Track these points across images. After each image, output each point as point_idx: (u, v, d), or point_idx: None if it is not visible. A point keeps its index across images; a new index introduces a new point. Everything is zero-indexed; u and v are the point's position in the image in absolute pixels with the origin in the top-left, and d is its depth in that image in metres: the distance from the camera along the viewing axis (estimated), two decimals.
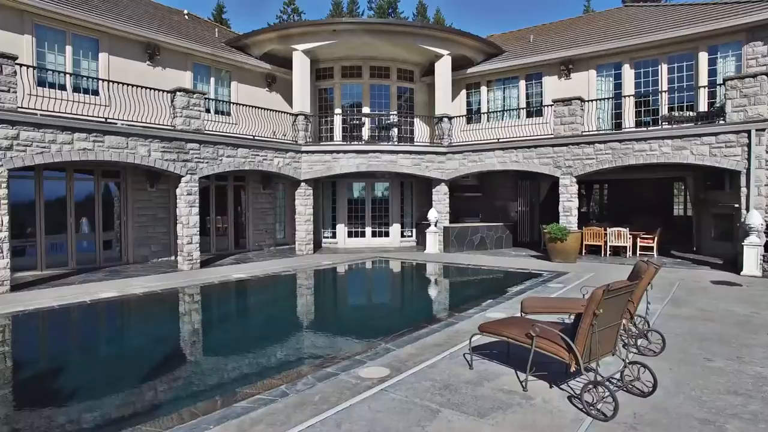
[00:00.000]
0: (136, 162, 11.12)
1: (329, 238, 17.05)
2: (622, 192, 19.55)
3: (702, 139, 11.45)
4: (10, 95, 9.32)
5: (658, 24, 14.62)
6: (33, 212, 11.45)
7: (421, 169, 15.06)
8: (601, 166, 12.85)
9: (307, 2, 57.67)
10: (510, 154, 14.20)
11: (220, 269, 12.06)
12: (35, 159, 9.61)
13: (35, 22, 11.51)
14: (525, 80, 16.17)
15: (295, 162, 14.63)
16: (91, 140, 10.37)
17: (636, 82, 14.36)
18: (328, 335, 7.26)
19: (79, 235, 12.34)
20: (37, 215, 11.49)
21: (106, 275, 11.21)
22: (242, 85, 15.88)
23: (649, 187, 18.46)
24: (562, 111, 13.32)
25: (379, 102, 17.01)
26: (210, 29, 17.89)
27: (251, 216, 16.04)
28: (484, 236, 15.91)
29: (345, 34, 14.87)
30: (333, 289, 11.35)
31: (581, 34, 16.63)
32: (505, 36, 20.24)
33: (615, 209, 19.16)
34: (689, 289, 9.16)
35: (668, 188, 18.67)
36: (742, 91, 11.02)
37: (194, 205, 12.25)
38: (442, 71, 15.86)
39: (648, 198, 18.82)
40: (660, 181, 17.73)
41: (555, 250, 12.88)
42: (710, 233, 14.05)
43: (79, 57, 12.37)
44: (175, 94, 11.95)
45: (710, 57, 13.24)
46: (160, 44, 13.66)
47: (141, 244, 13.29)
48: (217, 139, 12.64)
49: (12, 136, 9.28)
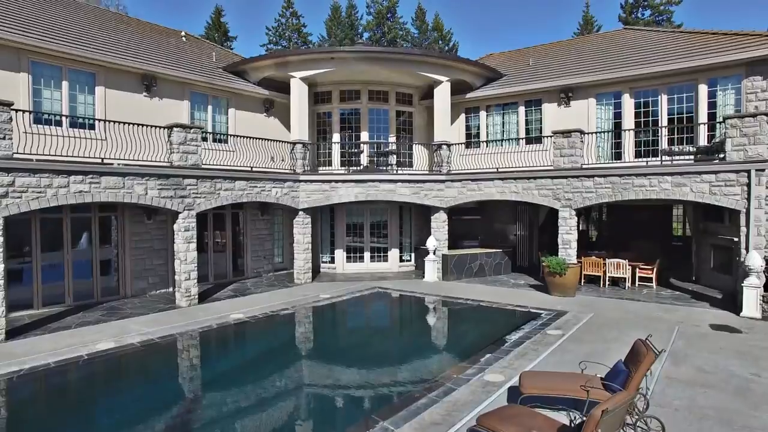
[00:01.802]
0: (133, 201, 11.05)
1: (328, 263, 17.00)
2: (621, 213, 19.48)
3: (702, 177, 11.40)
4: (5, 142, 9.24)
5: (657, 52, 14.55)
6: (31, 247, 11.36)
7: (420, 197, 15.01)
8: (600, 200, 12.81)
9: (306, 7, 57.51)
10: (509, 184, 14.14)
11: (218, 306, 11.99)
12: (31, 205, 9.54)
13: (31, 59, 11.42)
14: (524, 106, 16.10)
15: (293, 191, 14.57)
16: (88, 182, 10.30)
17: (636, 111, 14.31)
18: (323, 400, 7.21)
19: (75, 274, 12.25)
20: (34, 251, 11.41)
21: (103, 314, 11.15)
22: (240, 111, 15.79)
23: (649, 210, 18.40)
24: (561, 143, 13.27)
25: (377, 126, 16.93)
26: (207, 52, 17.79)
27: (249, 243, 15.98)
28: (483, 263, 15.87)
29: (343, 62, 14.79)
30: (328, 335, 10.97)
31: (581, 58, 16.56)
32: (504, 56, 20.15)
33: (614, 231, 19.10)
34: (688, 337, 9.12)
35: (668, 212, 18.61)
36: (742, 130, 10.97)
37: (192, 241, 12.18)
38: (441, 97, 15.79)
39: (647, 221, 18.76)
40: (659, 205, 17.66)
41: (554, 284, 12.85)
42: (709, 264, 14.02)
43: (76, 92, 12.28)
44: (172, 130, 11.87)
45: (710, 89, 13.18)
46: (157, 75, 13.57)
47: (138, 277, 13.23)
48: (214, 173, 12.57)
49: (8, 183, 9.20)
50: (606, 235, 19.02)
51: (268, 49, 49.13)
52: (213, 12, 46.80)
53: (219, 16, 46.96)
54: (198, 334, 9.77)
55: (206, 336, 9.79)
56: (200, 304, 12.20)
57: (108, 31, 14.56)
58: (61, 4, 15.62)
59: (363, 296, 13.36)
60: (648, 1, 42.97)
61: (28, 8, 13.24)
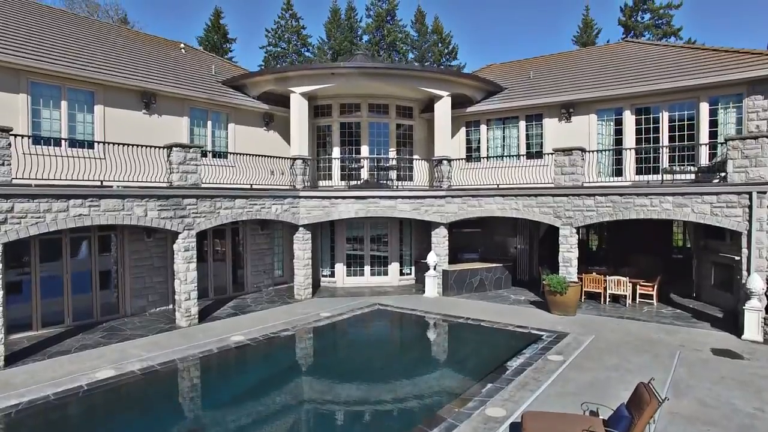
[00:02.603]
0: (132, 223, 11.01)
1: (328, 277, 16.97)
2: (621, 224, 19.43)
3: (703, 198, 11.37)
4: (4, 168, 9.19)
5: (658, 68, 14.51)
6: (30, 266, 11.29)
7: (421, 213, 14.97)
8: (601, 219, 12.78)
9: (305, 9, 57.32)
10: (510, 201, 14.11)
11: (218, 326, 11.95)
12: (30, 230, 9.48)
13: (31, 79, 11.37)
14: (525, 120, 16.06)
15: (293, 207, 14.53)
16: (87, 205, 10.25)
17: (637, 128, 14.27)
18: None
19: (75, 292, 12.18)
20: (33, 269, 11.34)
21: (103, 336, 11.11)
22: (239, 126, 15.73)
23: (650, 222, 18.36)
24: (562, 161, 13.23)
25: (378, 140, 16.89)
26: (207, 65, 17.73)
27: (249, 258, 15.95)
28: (483, 278, 15.84)
29: (343, 78, 14.74)
30: (327, 362, 10.76)
31: (582, 73, 16.51)
32: (504, 67, 20.10)
33: (614, 243, 19.06)
34: (690, 364, 9.09)
35: (668, 224, 18.58)
36: (744, 152, 10.94)
37: (192, 261, 12.15)
38: (442, 112, 15.73)
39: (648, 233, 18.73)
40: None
41: (554, 302, 12.83)
42: (710, 281, 14.00)
43: (75, 111, 12.22)
44: (171, 150, 11.81)
45: (711, 108, 13.15)
46: (157, 92, 13.51)
47: (138, 296, 13.19)
48: (214, 192, 12.53)
49: (6, 209, 9.15)
50: (606, 248, 18.99)
51: (267, 51, 48.98)
52: (212, 14, 46.71)
53: (218, 18, 46.86)
54: (198, 360, 9.72)
55: (207, 362, 9.74)
56: (200, 324, 12.17)
57: (107, 48, 14.50)
58: (60, 19, 15.58)
59: (363, 315, 13.32)
60: (648, 5, 42.93)
61: (27, 27, 13.16)
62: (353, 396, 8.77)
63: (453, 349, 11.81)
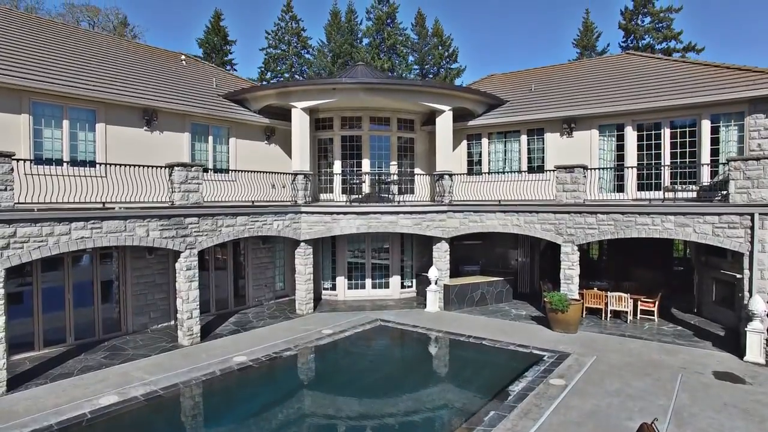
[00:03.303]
0: (134, 244, 11.02)
1: (329, 290, 16.98)
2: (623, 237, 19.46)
3: (705, 218, 11.38)
4: (7, 194, 9.18)
5: (660, 84, 14.51)
6: (30, 295, 11.31)
7: (422, 228, 14.97)
8: (603, 237, 12.79)
9: (305, 12, 57.29)
10: (511, 217, 14.12)
11: (220, 345, 11.95)
12: (32, 255, 9.49)
13: (33, 99, 11.36)
14: (527, 135, 16.06)
15: (294, 223, 14.53)
16: (89, 228, 10.26)
17: (639, 144, 14.27)
18: None
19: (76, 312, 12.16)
20: (35, 290, 11.33)
21: (105, 357, 11.13)
22: (241, 140, 15.73)
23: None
24: (564, 178, 13.23)
25: (379, 153, 16.89)
26: (207, 77, 17.72)
27: (251, 272, 15.95)
28: (485, 292, 15.86)
29: (345, 92, 14.74)
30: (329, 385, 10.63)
31: (583, 87, 16.50)
32: (505, 78, 20.09)
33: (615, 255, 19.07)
34: (692, 389, 9.09)
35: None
36: (746, 173, 10.94)
37: (194, 279, 12.16)
38: (443, 126, 15.73)
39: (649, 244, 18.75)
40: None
41: (556, 320, 12.84)
42: (711, 296, 14.01)
43: (76, 129, 12.22)
44: (173, 169, 11.81)
45: (713, 125, 13.15)
46: (158, 109, 13.50)
47: (140, 313, 13.20)
48: (216, 210, 12.53)
49: (9, 234, 9.16)
50: (607, 259, 19.00)
51: (267, 53, 48.89)
52: (212, 16, 46.68)
53: (218, 20, 46.83)
54: (201, 384, 9.72)
55: (210, 386, 9.74)
56: (202, 342, 12.18)
57: (108, 64, 14.48)
58: (61, 33, 15.55)
59: (365, 332, 13.32)
60: (648, 9, 42.88)
61: (29, 46, 13.11)
62: (355, 424, 8.78)
63: (455, 371, 11.76)
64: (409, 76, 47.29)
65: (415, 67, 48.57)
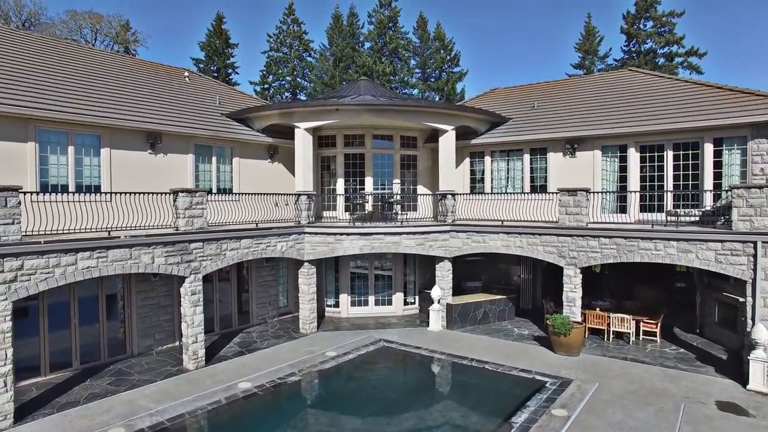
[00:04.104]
0: (140, 271, 11.09)
1: (332, 307, 17.05)
2: None
3: (708, 245, 11.42)
4: (14, 227, 9.26)
5: (663, 105, 14.53)
6: (36, 312, 11.36)
7: (425, 248, 15.03)
8: (605, 260, 12.84)
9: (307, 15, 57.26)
10: (514, 238, 14.16)
11: (224, 369, 12.01)
12: (39, 286, 9.57)
13: (38, 127, 11.43)
14: (529, 154, 16.10)
15: (298, 244, 14.60)
16: (95, 257, 10.34)
17: (642, 165, 14.30)
18: None
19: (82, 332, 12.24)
20: (41, 307, 11.37)
21: (111, 383, 11.20)
22: (244, 159, 15.79)
23: None
24: (567, 201, 13.27)
25: (382, 170, 16.95)
26: (211, 94, 17.77)
27: (254, 290, 16.04)
28: (487, 310, 15.92)
29: (348, 113, 14.80)
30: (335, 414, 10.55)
31: (586, 106, 16.51)
32: (507, 93, 20.10)
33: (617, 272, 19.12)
34: (695, 421, 9.12)
35: None
36: (749, 201, 10.97)
37: (198, 304, 12.24)
38: (446, 145, 15.77)
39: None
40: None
41: (558, 343, 12.89)
42: (713, 318, 14.05)
43: (81, 155, 12.28)
44: (178, 195, 11.88)
45: (716, 149, 13.17)
46: (162, 132, 13.55)
47: (145, 335, 13.28)
48: (220, 235, 12.60)
49: (16, 267, 9.24)
50: (608, 275, 19.02)
51: (269, 56, 48.89)
52: (214, 19, 46.71)
53: (220, 23, 46.87)
54: (207, 414, 9.79)
55: (216, 416, 9.80)
56: (207, 366, 12.26)
57: (113, 86, 14.53)
58: (64, 54, 15.57)
59: (368, 354, 13.38)
60: (650, 13, 42.78)
61: (34, 72, 13.09)
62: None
63: (458, 398, 11.59)
64: (410, 80, 47.31)
65: (417, 71, 48.56)
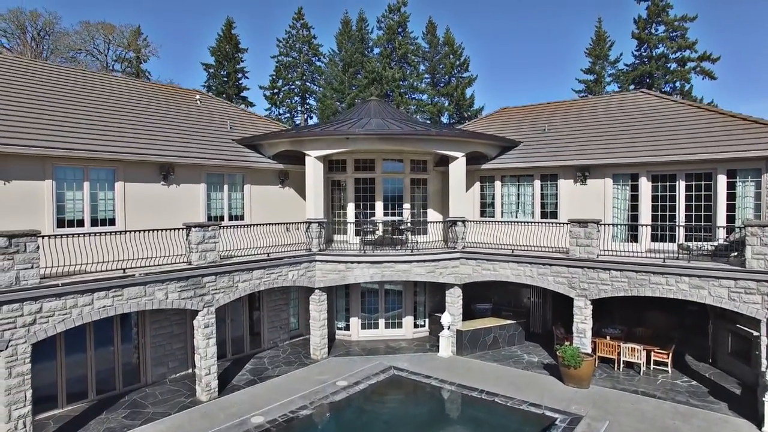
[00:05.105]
0: (155, 307, 11.28)
1: (343, 330, 17.18)
2: None
3: (720, 282, 11.35)
4: (33, 271, 9.45)
5: (675, 133, 14.42)
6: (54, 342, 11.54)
7: (435, 276, 15.08)
8: (616, 293, 12.81)
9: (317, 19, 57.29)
10: (524, 267, 14.17)
11: (237, 401, 12.15)
12: (57, 328, 9.78)
13: (55, 164, 11.62)
14: (540, 180, 16.06)
15: (309, 272, 14.72)
16: (111, 296, 10.53)
17: (653, 195, 14.21)
18: None
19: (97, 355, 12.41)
20: (58, 341, 11.58)
21: (126, 415, 11.41)
22: (255, 186, 15.92)
23: None
24: (578, 232, 13.24)
25: (392, 195, 17.01)
26: (222, 119, 17.92)
27: (266, 315, 16.20)
28: (497, 335, 15.94)
29: (358, 141, 14.87)
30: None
31: (597, 131, 16.43)
32: (518, 112, 20.04)
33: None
34: None
35: None
36: (762, 239, 10.88)
37: (211, 336, 12.40)
38: (457, 171, 15.77)
39: None
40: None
41: (568, 375, 12.89)
42: (726, 348, 13.96)
43: (96, 190, 12.46)
44: (190, 230, 12.04)
45: (729, 180, 13.05)
46: (175, 163, 13.71)
47: (159, 363, 13.49)
48: (232, 267, 12.74)
49: (35, 310, 9.44)
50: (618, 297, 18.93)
51: (278, 61, 49.01)
52: (224, 24, 46.92)
53: (230, 28, 47.10)
54: None
55: None
56: (220, 397, 12.42)
57: (127, 118, 14.68)
58: (77, 83, 15.76)
59: (379, 384, 13.47)
60: (662, 18, 42.26)
61: (50, 108, 13.21)
62: None
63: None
64: (419, 85, 47.22)
65: (426, 76, 48.47)
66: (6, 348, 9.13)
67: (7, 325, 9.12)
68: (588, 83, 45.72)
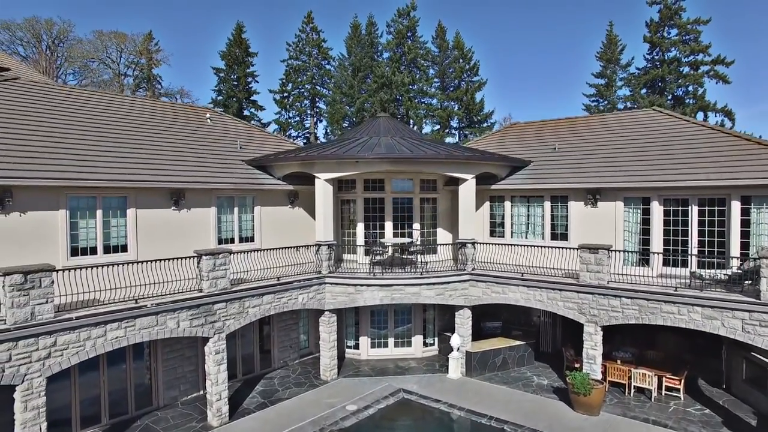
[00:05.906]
0: (166, 336, 11.42)
1: (353, 349, 17.24)
2: None
3: (734, 313, 11.21)
4: (48, 306, 9.61)
5: (688, 157, 14.23)
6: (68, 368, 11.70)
7: (445, 298, 15.07)
8: (627, 321, 12.71)
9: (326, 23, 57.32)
10: (534, 291, 14.11)
11: (247, 428, 12.28)
12: (71, 360, 9.95)
13: (69, 194, 11.77)
14: (550, 201, 15.95)
15: (319, 294, 14.79)
16: (123, 327, 10.68)
17: (665, 219, 14.05)
18: None
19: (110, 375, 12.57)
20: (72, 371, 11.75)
21: None
22: (265, 207, 16.00)
23: None
24: (588, 258, 13.15)
25: (402, 215, 17.01)
26: (232, 138, 18.04)
27: (276, 335, 16.31)
28: (506, 357, 15.90)
29: (368, 164, 14.89)
30: None
31: (609, 151, 16.28)
32: (527, 128, 19.92)
33: None
34: None
35: None
36: None
37: (222, 362, 12.52)
38: (466, 192, 15.72)
39: None
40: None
41: (578, 402, 12.83)
42: (741, 374, 13.78)
43: (109, 218, 12.61)
44: (201, 258, 12.14)
45: (743, 206, 12.87)
46: (186, 188, 13.81)
47: (170, 386, 13.64)
48: (243, 294, 12.85)
49: (50, 344, 9.61)
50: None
51: (288, 64, 49.12)
52: (234, 28, 47.13)
53: (240, 33, 47.31)
54: None
55: None
56: (231, 422, 12.54)
57: (139, 144, 14.77)
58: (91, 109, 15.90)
59: (388, 409, 13.51)
60: (675, 21, 41.67)
61: (64, 138, 13.33)
62: None
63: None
64: (429, 89, 47.02)
65: (435, 80, 48.30)
66: (22, 382, 9.31)
67: (23, 360, 9.30)
68: (599, 87, 45.30)
